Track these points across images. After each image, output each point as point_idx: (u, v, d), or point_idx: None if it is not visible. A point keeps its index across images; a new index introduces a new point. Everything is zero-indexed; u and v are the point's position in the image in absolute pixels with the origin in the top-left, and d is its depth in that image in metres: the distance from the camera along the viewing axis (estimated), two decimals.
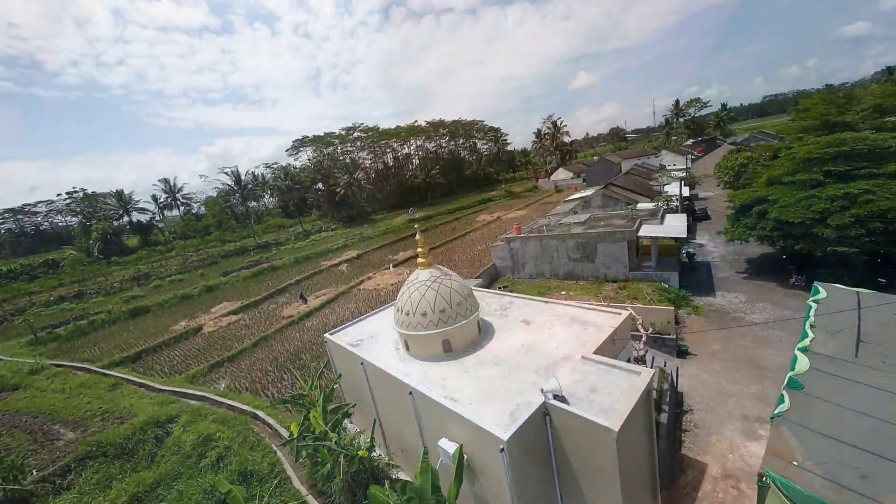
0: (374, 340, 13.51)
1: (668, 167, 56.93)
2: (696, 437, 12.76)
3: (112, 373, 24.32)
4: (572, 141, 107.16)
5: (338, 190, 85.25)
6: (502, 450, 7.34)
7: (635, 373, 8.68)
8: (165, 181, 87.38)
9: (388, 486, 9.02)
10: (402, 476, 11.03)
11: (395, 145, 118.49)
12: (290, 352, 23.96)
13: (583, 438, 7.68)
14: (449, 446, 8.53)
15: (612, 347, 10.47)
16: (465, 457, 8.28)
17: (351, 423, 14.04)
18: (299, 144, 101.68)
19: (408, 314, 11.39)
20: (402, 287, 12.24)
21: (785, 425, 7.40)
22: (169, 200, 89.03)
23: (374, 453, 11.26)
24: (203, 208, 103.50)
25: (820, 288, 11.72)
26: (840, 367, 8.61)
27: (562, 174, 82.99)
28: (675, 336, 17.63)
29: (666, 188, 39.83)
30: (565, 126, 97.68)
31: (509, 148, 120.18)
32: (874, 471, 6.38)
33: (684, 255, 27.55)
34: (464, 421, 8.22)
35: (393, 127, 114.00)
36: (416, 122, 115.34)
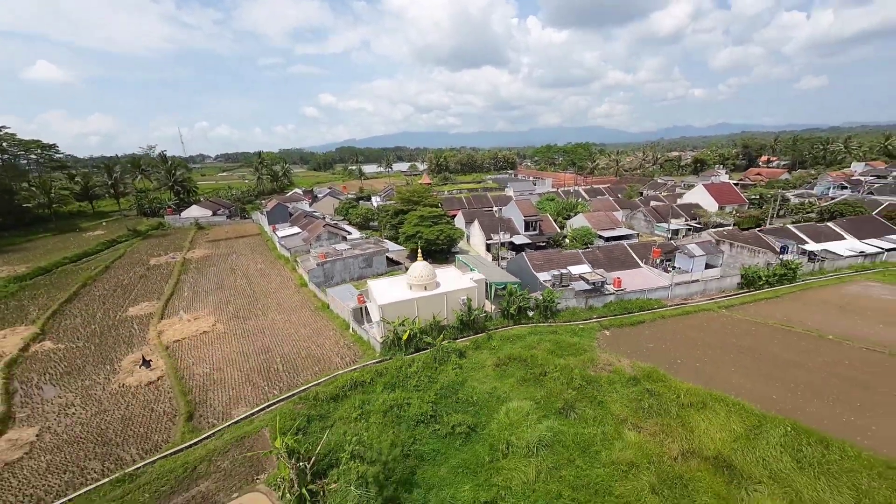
0: (399, 301, 33.02)
1: (308, 209, 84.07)
2: None
3: None
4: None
5: None
6: (478, 282, 34.64)
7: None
8: None
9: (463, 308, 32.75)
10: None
11: None
12: None
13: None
14: (463, 299, 33.86)
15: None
16: (468, 297, 34.14)
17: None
18: None
19: (429, 275, 33.66)
20: (413, 267, 33.67)
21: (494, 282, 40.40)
22: None
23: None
24: None
25: (459, 257, 46.97)
26: (482, 268, 43.38)
27: (197, 211, 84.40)
28: None
29: (344, 226, 67.90)
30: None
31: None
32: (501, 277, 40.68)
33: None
34: (468, 289, 34.15)
35: None
36: None
